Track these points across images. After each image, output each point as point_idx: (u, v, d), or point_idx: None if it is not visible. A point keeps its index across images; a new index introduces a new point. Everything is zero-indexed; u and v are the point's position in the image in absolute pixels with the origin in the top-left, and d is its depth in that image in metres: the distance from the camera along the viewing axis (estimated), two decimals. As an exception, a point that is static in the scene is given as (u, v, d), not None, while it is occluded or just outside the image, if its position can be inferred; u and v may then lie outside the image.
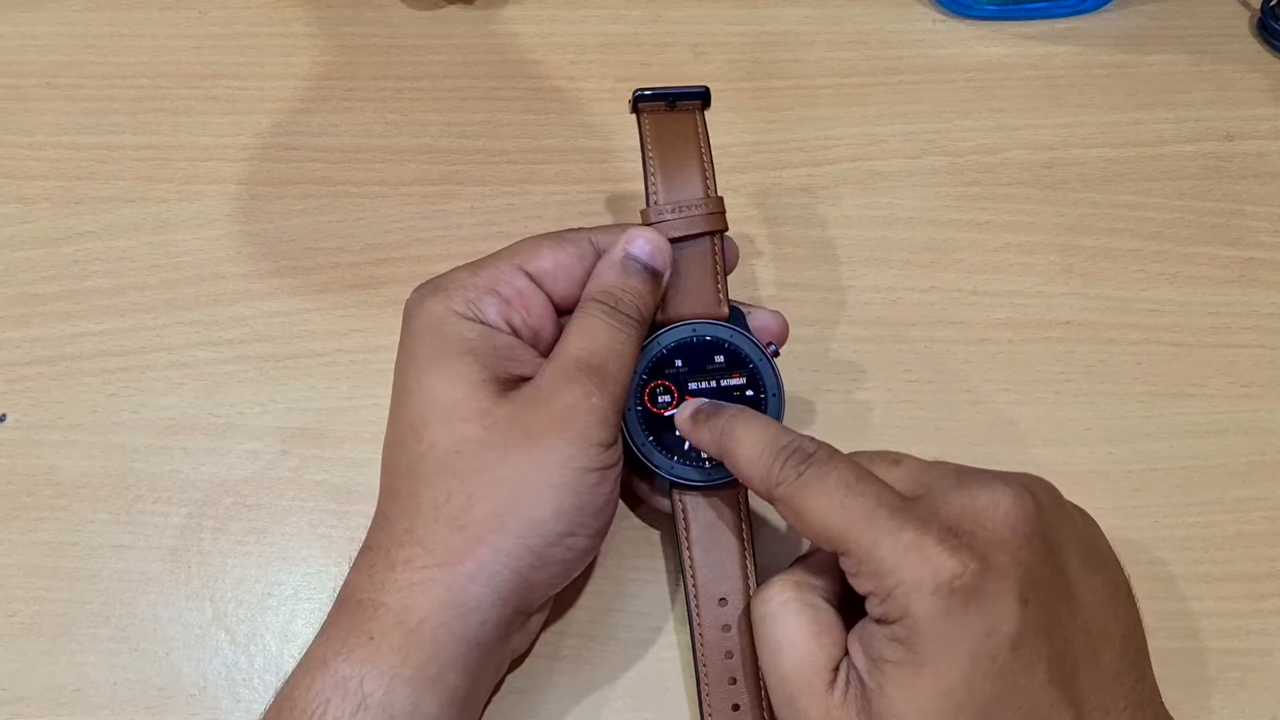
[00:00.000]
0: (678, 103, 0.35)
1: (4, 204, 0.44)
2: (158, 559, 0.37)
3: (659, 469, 0.34)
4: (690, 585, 0.33)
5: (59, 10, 0.49)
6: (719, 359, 0.34)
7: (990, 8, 0.50)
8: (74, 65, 0.48)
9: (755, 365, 0.34)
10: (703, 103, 0.36)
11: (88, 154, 0.45)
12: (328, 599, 0.31)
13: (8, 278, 0.42)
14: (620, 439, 0.32)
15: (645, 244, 0.33)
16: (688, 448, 0.34)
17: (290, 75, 0.47)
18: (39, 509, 0.38)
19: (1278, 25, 0.49)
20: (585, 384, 0.31)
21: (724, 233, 0.35)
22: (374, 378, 0.40)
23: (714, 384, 0.34)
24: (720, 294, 0.35)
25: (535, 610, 0.33)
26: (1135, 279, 0.43)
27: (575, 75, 0.48)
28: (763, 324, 0.35)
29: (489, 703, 0.34)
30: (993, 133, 0.47)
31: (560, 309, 0.34)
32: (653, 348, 0.34)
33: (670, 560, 0.37)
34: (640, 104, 0.35)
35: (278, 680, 0.30)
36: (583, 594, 0.36)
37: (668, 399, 0.34)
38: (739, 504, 0.34)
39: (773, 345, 0.35)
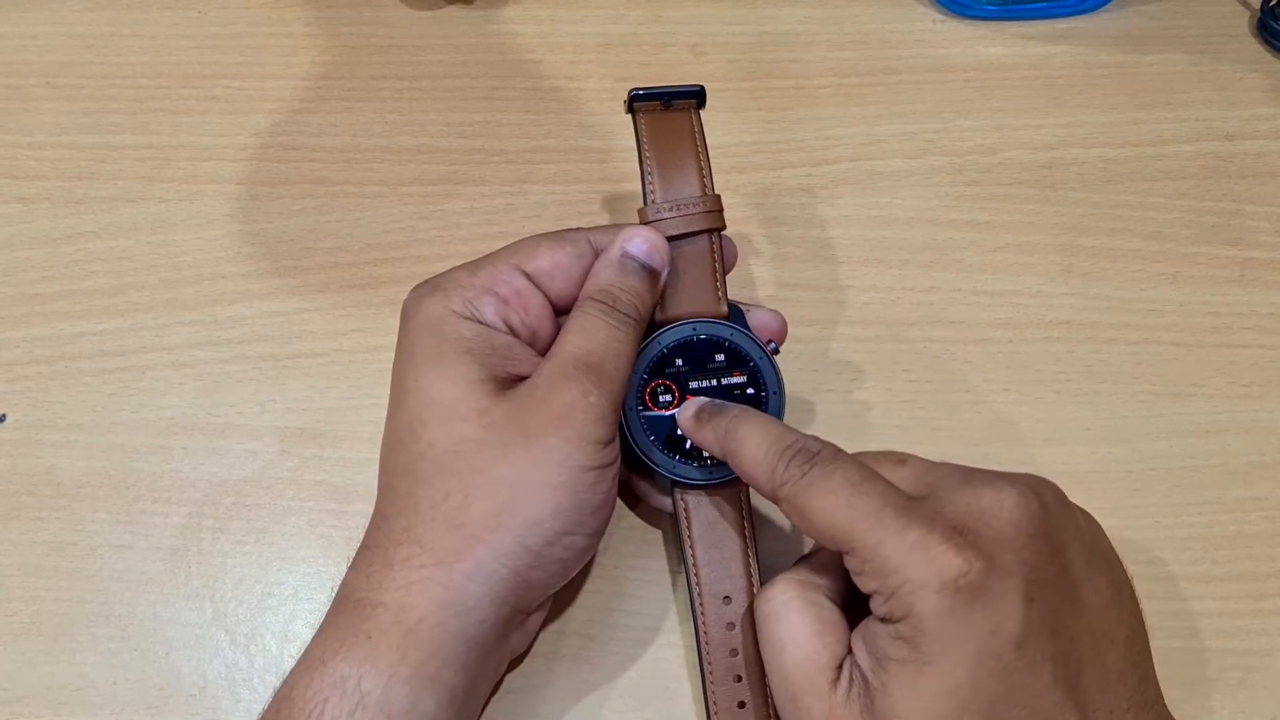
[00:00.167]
0: (673, 102, 0.35)
1: (4, 204, 0.44)
2: (158, 559, 0.37)
3: (660, 468, 0.34)
4: (694, 583, 0.33)
5: (59, 10, 0.49)
6: (719, 358, 0.34)
7: (990, 8, 0.50)
8: (74, 65, 0.48)
9: (755, 363, 0.34)
10: (698, 101, 0.36)
11: (88, 154, 0.45)
12: (327, 599, 0.31)
13: (8, 278, 0.42)
14: (618, 437, 0.32)
15: (642, 242, 0.33)
16: (689, 446, 0.34)
17: (290, 75, 0.48)
18: (39, 509, 0.38)
19: (1278, 25, 0.49)
20: (583, 382, 0.31)
21: (722, 231, 0.35)
22: (373, 377, 0.40)
23: (715, 383, 0.34)
24: (719, 292, 0.35)
25: (534, 609, 0.33)
26: (1135, 279, 0.43)
27: (575, 75, 0.48)
28: (762, 322, 0.35)
29: (488, 702, 0.34)
30: (992, 133, 0.47)
31: (558, 309, 0.34)
32: (653, 347, 0.34)
33: (669, 559, 0.37)
34: (636, 104, 0.35)
35: (277, 680, 0.30)
36: (581, 593, 0.36)
37: (669, 398, 0.34)
38: (740, 502, 0.34)
39: (773, 343, 0.35)
